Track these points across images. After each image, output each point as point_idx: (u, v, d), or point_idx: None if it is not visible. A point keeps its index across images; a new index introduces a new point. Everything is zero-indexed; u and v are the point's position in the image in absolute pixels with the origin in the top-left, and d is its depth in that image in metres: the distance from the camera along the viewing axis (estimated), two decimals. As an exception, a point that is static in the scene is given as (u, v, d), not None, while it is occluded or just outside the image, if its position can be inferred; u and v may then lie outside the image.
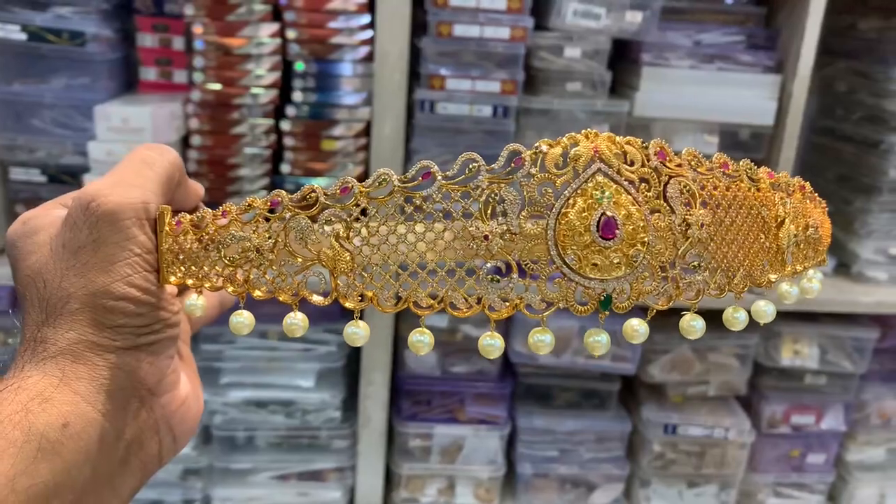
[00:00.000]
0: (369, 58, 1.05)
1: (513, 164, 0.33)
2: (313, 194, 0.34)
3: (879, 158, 1.16)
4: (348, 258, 0.33)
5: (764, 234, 0.35)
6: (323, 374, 1.20)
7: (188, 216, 0.36)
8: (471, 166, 0.33)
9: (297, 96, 1.06)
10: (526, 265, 0.33)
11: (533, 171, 0.33)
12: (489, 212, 0.33)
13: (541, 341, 0.34)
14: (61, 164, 1.07)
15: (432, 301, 0.33)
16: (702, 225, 0.34)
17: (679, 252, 0.34)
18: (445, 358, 1.21)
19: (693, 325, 0.35)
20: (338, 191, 0.33)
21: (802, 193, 0.37)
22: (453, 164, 0.33)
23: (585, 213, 0.32)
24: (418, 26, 1.04)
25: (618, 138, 0.33)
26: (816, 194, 0.40)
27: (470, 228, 0.33)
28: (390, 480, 1.25)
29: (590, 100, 1.06)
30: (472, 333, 1.19)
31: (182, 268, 0.35)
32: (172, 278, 0.36)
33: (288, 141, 1.08)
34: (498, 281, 0.33)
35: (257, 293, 0.35)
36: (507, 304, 0.33)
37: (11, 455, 0.30)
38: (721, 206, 0.34)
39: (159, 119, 1.02)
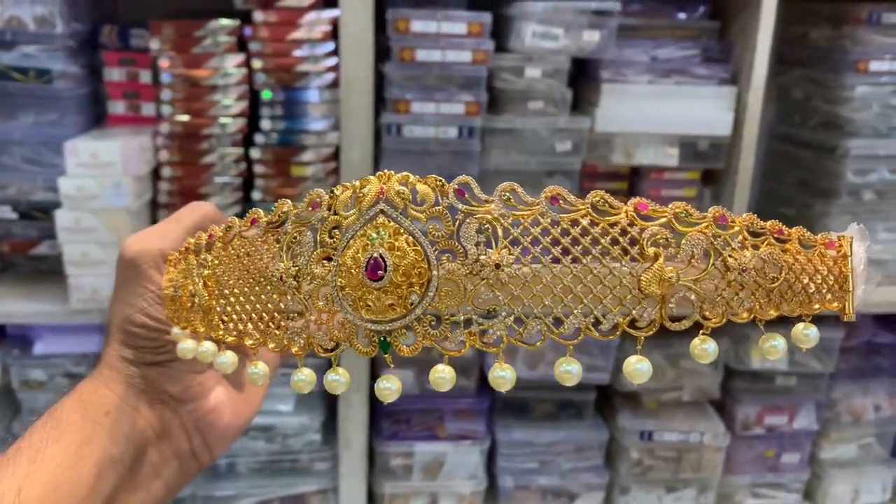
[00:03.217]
0: (335, 84, 1.07)
1: (311, 209, 0.34)
2: (202, 237, 0.38)
3: (836, 163, 1.19)
4: (206, 295, 0.37)
5: (620, 276, 0.31)
6: (302, 397, 1.20)
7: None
8: (282, 211, 0.35)
9: (266, 124, 1.08)
10: (315, 306, 0.34)
11: (326, 214, 0.33)
12: (289, 254, 0.34)
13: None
14: (32, 201, 1.08)
15: (259, 337, 0.36)
16: (497, 266, 0.31)
17: (467, 296, 0.31)
18: (423, 376, 1.23)
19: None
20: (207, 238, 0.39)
21: (722, 225, 0.32)
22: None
23: (359, 255, 0.32)
24: (382, 52, 1.06)
25: (413, 177, 0.32)
26: (788, 229, 0.33)
27: (272, 271, 0.34)
28: (373, 500, 1.26)
29: (552, 117, 1.09)
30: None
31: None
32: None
33: (258, 168, 1.09)
34: (294, 319, 0.34)
35: (183, 324, 0.39)
36: (303, 342, 0.34)
37: (75, 432, 0.41)
38: (542, 244, 0.31)
39: (129, 152, 1.03)
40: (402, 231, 0.32)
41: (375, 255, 0.32)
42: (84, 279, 1.04)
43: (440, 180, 0.32)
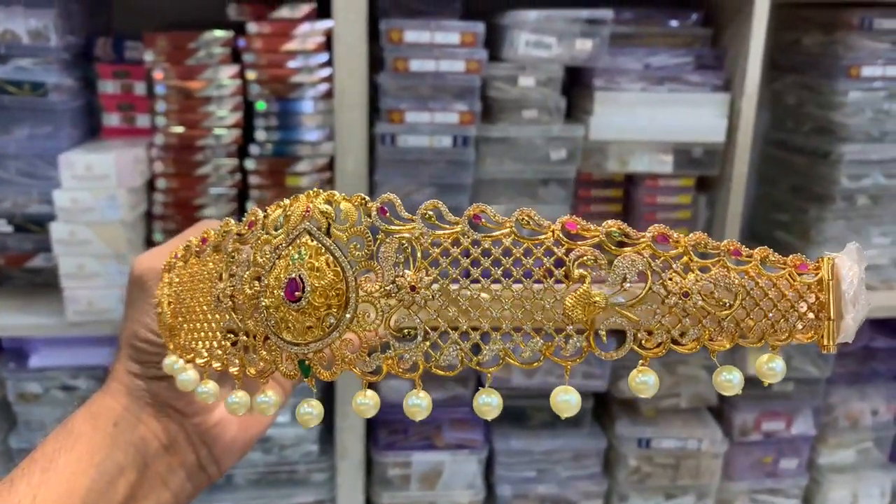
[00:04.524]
0: (329, 95, 1.07)
1: (248, 228, 0.33)
2: (173, 256, 0.39)
3: (830, 168, 1.20)
4: (168, 313, 0.38)
5: (542, 300, 0.29)
6: (299, 407, 1.20)
7: None
8: (225, 230, 0.34)
9: (260, 135, 1.08)
10: (245, 326, 0.33)
11: (260, 233, 0.32)
12: (228, 273, 0.33)
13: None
14: (27, 214, 1.08)
15: (207, 357, 0.35)
16: (413, 287, 0.29)
17: (384, 318, 0.30)
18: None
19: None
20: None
21: (663, 245, 0.29)
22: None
23: (282, 275, 0.31)
24: (375, 62, 1.07)
25: (338, 195, 0.31)
26: (741, 247, 0.30)
27: (215, 290, 0.34)
28: (371, 510, 1.26)
29: (546, 126, 1.09)
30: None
31: None
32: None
33: (253, 179, 1.09)
34: (229, 339, 0.34)
35: (165, 341, 0.40)
36: (237, 362, 0.34)
37: (86, 442, 0.43)
38: (461, 265, 0.30)
39: (123, 164, 1.03)
40: (322, 251, 0.31)
41: (294, 275, 0.30)
42: (79, 292, 1.04)
43: (365, 198, 0.31)
